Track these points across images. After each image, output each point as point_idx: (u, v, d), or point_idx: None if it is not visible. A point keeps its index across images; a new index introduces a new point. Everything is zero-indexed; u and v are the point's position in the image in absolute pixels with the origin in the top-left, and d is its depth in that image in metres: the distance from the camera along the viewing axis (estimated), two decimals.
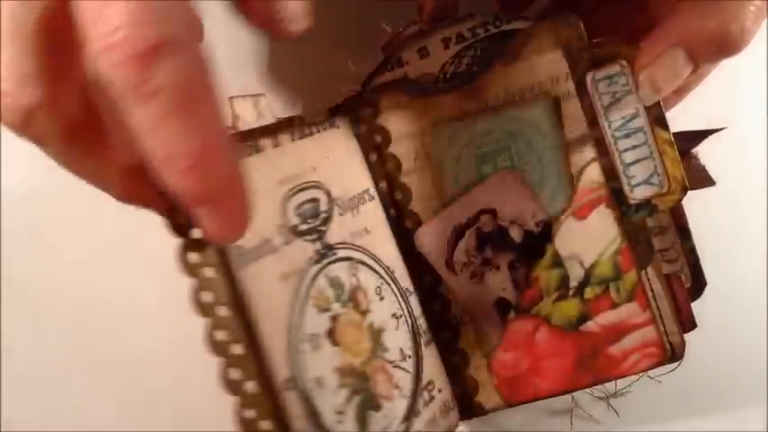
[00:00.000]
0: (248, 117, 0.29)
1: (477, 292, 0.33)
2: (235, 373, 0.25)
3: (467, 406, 0.34)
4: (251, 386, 0.25)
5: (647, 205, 0.31)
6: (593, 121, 0.31)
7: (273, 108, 0.30)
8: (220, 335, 0.25)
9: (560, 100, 0.31)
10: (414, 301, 0.33)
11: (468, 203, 0.33)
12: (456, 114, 0.32)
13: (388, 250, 0.32)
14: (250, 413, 0.25)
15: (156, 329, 0.39)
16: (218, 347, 0.25)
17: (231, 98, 0.28)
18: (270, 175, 0.28)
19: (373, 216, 0.32)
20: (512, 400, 0.34)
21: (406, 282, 0.33)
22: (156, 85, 0.19)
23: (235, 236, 0.23)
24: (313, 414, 0.27)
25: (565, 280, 0.32)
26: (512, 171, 0.32)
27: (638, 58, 0.30)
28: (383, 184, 0.33)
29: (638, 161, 0.31)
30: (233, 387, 0.25)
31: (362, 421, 0.29)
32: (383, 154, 0.33)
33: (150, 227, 0.25)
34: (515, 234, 0.32)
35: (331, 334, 0.28)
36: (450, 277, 0.33)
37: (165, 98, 0.20)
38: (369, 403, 0.29)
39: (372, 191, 0.33)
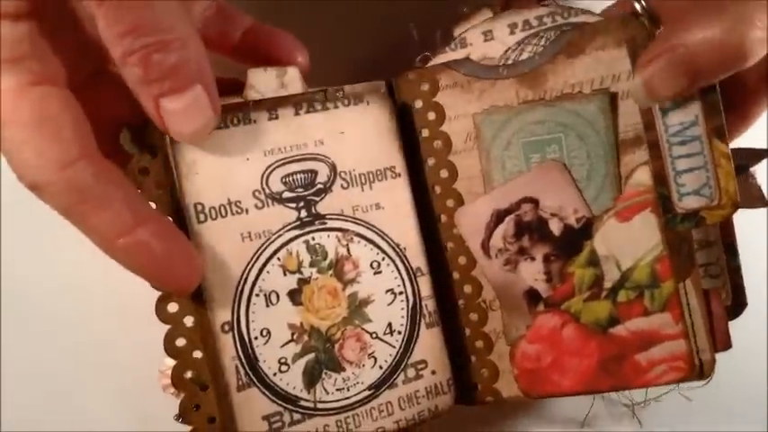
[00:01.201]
0: (266, 88, 0.31)
1: (508, 279, 0.33)
2: (173, 307, 0.29)
3: (484, 391, 0.34)
4: (187, 320, 0.29)
5: (694, 216, 0.31)
6: (649, 124, 0.31)
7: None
8: None
9: (619, 98, 0.31)
10: (424, 281, 0.33)
11: (512, 190, 0.33)
12: (512, 101, 0.32)
13: (403, 228, 0.33)
14: (181, 341, 0.29)
15: (157, 329, 0.39)
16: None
17: (249, 69, 0.30)
18: (255, 145, 0.31)
19: (392, 193, 0.33)
20: (529, 393, 0.34)
21: (418, 261, 0.33)
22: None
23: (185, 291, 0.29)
24: (249, 357, 0.30)
25: (599, 280, 0.32)
26: (558, 163, 0.32)
27: (639, 58, 0.29)
28: (431, 161, 0.34)
29: (690, 170, 0.30)
30: (170, 318, 0.29)
31: (311, 376, 0.31)
32: (435, 131, 0.34)
33: None
34: (555, 227, 0.32)
35: (294, 294, 0.31)
36: (484, 261, 0.33)
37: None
38: (327, 363, 0.32)
39: (399, 168, 0.33)
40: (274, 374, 0.31)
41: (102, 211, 0.26)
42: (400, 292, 0.33)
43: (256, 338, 0.30)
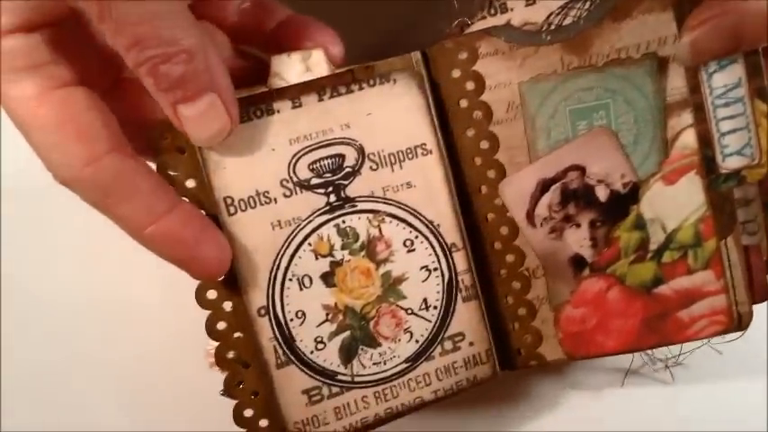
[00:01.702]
0: (291, 74, 0.30)
1: (554, 247, 0.33)
2: (212, 294, 0.30)
3: (528, 356, 0.35)
4: (226, 305, 0.31)
5: (736, 176, 0.31)
6: (695, 87, 0.31)
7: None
8: None
9: (667, 62, 0.31)
10: (460, 256, 0.33)
11: (558, 158, 0.32)
12: (556, 67, 0.32)
13: (436, 205, 0.33)
14: (222, 325, 0.31)
15: (157, 328, 0.39)
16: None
17: (272, 57, 0.30)
18: (280, 135, 0.31)
19: (423, 170, 0.32)
20: (574, 355, 0.34)
21: (453, 237, 0.33)
22: None
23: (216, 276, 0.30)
24: (285, 338, 0.32)
25: (644, 242, 0.33)
26: (607, 129, 0.32)
27: (687, 20, 0.30)
28: (471, 132, 0.33)
29: (733, 131, 0.31)
30: (210, 304, 0.30)
31: (348, 352, 0.32)
32: (474, 101, 0.33)
33: None
34: (601, 193, 0.32)
35: (327, 276, 0.32)
36: (529, 230, 0.33)
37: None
38: (363, 339, 0.33)
39: (431, 145, 0.32)
40: (311, 352, 0.32)
41: (129, 202, 0.27)
42: (435, 269, 0.33)
43: (292, 320, 0.32)
